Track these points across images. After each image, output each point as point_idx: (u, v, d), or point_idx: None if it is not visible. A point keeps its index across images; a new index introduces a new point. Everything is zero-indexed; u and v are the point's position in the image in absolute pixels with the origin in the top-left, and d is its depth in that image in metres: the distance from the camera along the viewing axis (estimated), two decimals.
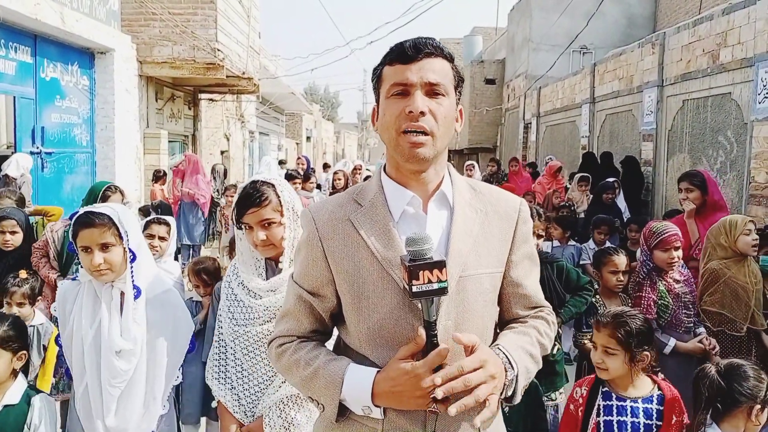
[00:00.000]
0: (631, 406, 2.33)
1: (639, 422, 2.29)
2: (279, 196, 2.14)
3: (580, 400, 2.43)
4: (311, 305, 1.46)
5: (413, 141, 1.34)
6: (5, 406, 2.20)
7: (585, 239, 5.92)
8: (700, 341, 3.26)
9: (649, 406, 2.32)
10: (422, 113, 1.33)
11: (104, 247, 2.12)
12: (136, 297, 2.19)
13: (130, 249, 2.17)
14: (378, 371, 1.34)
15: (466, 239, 1.41)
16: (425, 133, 1.34)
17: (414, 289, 1.24)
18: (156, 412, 2.26)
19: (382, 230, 1.40)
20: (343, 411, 1.38)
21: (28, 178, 6.81)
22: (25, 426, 2.20)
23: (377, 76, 1.44)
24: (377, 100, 1.46)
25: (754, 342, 3.40)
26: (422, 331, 1.28)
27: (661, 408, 2.31)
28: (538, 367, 1.47)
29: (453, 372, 1.25)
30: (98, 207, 2.22)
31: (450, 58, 1.42)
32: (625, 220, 6.51)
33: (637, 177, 8.49)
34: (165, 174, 8.79)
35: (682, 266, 3.44)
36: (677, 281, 3.34)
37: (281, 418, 2.11)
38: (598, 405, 2.38)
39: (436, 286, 1.24)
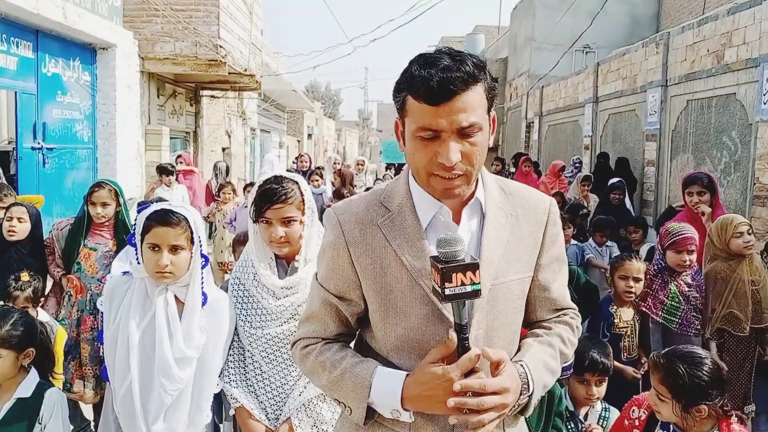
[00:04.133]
0: None
1: None
2: (303, 195, 2.12)
3: (637, 422, 2.25)
4: (337, 308, 1.42)
5: (447, 186, 1.28)
6: (18, 399, 2.23)
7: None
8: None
9: None
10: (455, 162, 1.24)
11: (174, 248, 2.03)
12: (203, 304, 2.11)
13: (202, 254, 2.10)
14: (408, 374, 1.30)
15: (497, 246, 1.36)
16: (460, 175, 1.27)
17: (447, 291, 1.19)
18: (202, 421, 2.18)
19: (412, 238, 1.34)
20: (370, 414, 1.34)
21: None
22: (37, 419, 2.22)
23: (401, 103, 1.29)
24: (401, 121, 1.33)
25: (758, 344, 3.35)
26: (453, 335, 1.24)
27: None
28: (556, 377, 1.43)
29: (474, 386, 1.21)
30: (174, 207, 2.11)
31: (480, 79, 1.25)
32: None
33: (630, 178, 8.46)
34: (172, 172, 8.51)
35: (696, 273, 3.40)
36: (689, 285, 3.31)
37: (311, 418, 2.09)
38: None
39: (469, 288, 1.19)
